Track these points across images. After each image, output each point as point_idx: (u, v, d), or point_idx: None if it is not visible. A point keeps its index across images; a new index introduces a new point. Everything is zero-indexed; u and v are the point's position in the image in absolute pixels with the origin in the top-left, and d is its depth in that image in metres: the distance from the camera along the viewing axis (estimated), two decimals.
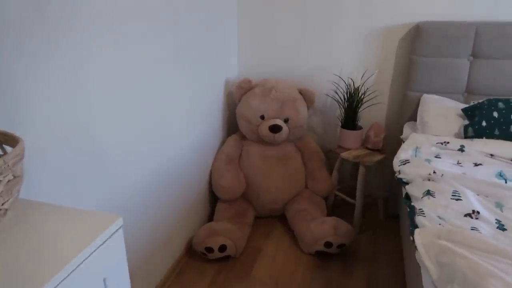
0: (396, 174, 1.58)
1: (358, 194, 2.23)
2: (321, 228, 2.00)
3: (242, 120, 2.32)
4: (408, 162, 1.57)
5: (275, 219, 2.39)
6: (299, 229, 2.11)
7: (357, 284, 1.87)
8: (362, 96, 2.19)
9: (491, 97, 2.01)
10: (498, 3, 2.04)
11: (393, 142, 2.33)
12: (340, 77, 2.39)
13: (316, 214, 2.17)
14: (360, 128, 2.26)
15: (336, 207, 2.50)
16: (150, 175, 1.61)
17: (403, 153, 1.67)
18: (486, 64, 2.02)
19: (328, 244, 1.97)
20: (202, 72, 2.01)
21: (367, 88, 2.20)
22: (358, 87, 2.17)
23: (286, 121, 2.26)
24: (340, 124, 2.41)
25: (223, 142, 2.40)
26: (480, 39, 1.99)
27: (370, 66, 2.32)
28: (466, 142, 1.64)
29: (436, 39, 2.04)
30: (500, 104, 1.77)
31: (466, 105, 2.01)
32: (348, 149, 2.28)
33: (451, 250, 0.95)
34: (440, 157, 1.60)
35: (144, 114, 1.52)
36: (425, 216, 1.19)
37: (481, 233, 1.05)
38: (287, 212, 2.28)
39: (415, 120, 2.19)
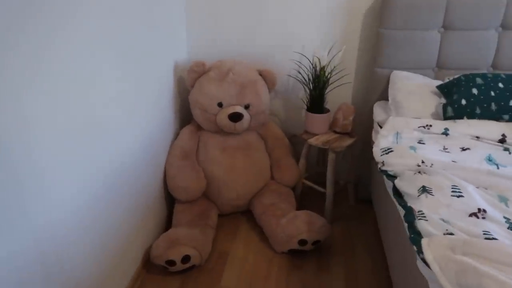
0: (379, 166, 1.41)
1: (329, 182, 2.06)
2: (294, 225, 1.81)
3: (197, 108, 2.04)
4: (391, 151, 1.41)
5: (239, 215, 2.18)
6: (269, 227, 1.92)
7: (337, 283, 1.72)
8: (329, 76, 1.99)
9: (467, 72, 1.90)
10: None
11: (363, 123, 2.17)
12: (303, 55, 2.17)
13: (286, 209, 1.98)
14: (328, 110, 2.08)
15: (305, 196, 2.33)
16: (91, 182, 1.31)
17: (383, 140, 1.50)
18: (458, 36, 1.89)
19: (302, 242, 1.80)
20: (144, 56, 1.70)
21: (334, 67, 2.00)
22: (324, 67, 1.96)
23: (246, 107, 2.01)
24: (305, 107, 2.20)
25: (176, 135, 2.12)
26: (452, 9, 1.85)
27: (335, 42, 2.12)
28: (449, 124, 1.50)
29: (405, 10, 1.87)
30: (478, 80, 1.64)
31: (440, 82, 1.88)
32: (315, 134, 2.09)
33: (475, 269, 0.79)
34: (423, 143, 1.45)
35: (75, 113, 1.21)
36: (427, 220, 1.02)
37: (498, 240, 0.90)
38: (254, 208, 2.07)
39: (386, 99, 2.04)
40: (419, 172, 1.27)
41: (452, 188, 1.12)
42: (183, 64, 2.20)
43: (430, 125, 1.49)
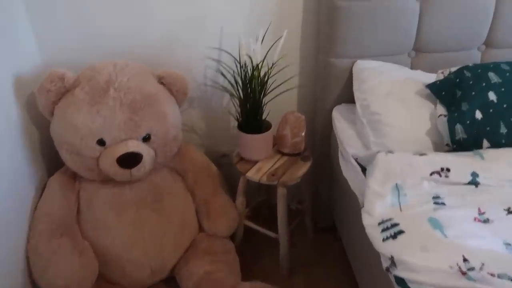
0: (386, 266, 0.81)
1: (281, 227, 1.46)
2: None
3: (64, 150, 1.27)
4: (401, 233, 0.81)
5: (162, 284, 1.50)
6: None
7: None
8: (266, 78, 1.32)
9: (455, 53, 1.36)
10: None
11: (316, 133, 1.56)
12: (225, 50, 1.45)
13: (227, 280, 1.35)
14: (269, 125, 1.42)
15: (249, 238, 1.70)
16: None
17: (378, 204, 0.90)
18: (442, 4, 1.31)
19: None
20: None
21: (273, 64, 1.32)
22: (258, 65, 1.28)
23: (146, 139, 1.29)
24: (235, 120, 1.52)
25: (42, 189, 1.34)
26: None
27: (268, 26, 1.43)
28: (475, 164, 0.93)
29: None
30: (492, 76, 1.09)
31: (424, 73, 1.31)
32: (254, 161, 1.44)
33: None
34: (444, 203, 0.87)
35: None
36: None
37: None
38: (181, 280, 1.40)
39: (347, 101, 1.44)
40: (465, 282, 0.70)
41: None
42: (32, 74, 1.36)
43: (448, 169, 0.92)
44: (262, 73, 1.30)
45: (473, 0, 1.30)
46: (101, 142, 1.24)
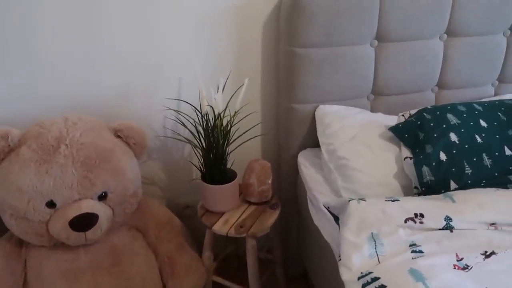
0: None
1: (252, 280, 1.38)
2: None
3: (7, 214, 1.14)
4: (383, 287, 0.77)
5: None
6: None
7: None
8: (229, 127, 1.28)
9: (411, 96, 1.40)
10: None
11: (284, 184, 1.53)
12: (186, 102, 1.41)
13: None
14: (234, 175, 1.37)
15: None
16: None
17: (355, 255, 0.86)
18: (396, 49, 1.36)
19: None
20: None
21: (235, 112, 1.29)
22: (221, 114, 1.24)
23: (103, 196, 1.19)
24: (197, 170, 1.46)
25: None
26: (386, 15, 1.30)
27: (229, 74, 1.41)
28: (447, 208, 0.92)
29: (325, 18, 1.25)
30: (451, 117, 1.12)
31: (384, 116, 1.34)
32: (220, 213, 1.37)
33: None
34: (422, 251, 0.85)
35: None
36: None
37: None
38: None
39: (311, 146, 1.43)
40: None
41: None
42: None
43: (422, 215, 0.90)
44: (224, 122, 1.27)
45: (423, 45, 1.36)
46: (50, 204, 1.12)
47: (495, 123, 1.10)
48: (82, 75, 1.32)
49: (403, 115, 1.22)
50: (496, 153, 1.04)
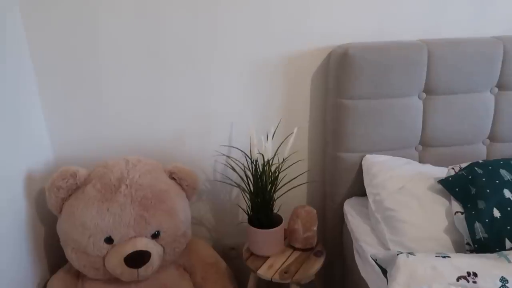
0: None
1: None
2: None
3: (70, 248, 1.23)
4: None
5: None
6: None
7: None
8: (277, 173, 1.33)
9: (460, 148, 1.39)
10: (444, 14, 1.42)
11: (328, 232, 1.53)
12: (237, 148, 1.49)
13: None
14: (280, 220, 1.40)
15: None
16: None
17: None
18: (444, 102, 1.37)
19: None
20: None
21: (284, 159, 1.34)
22: (270, 160, 1.30)
23: (155, 235, 1.25)
24: (244, 213, 1.51)
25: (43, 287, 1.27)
26: (435, 68, 1.33)
27: (279, 123, 1.48)
28: (502, 267, 0.90)
29: (374, 71, 1.30)
30: (505, 173, 1.10)
31: (434, 168, 1.33)
32: (265, 257, 1.39)
33: None
34: None
35: None
36: None
37: None
38: None
39: (357, 194, 1.43)
40: None
41: None
42: (44, 170, 1.37)
43: (475, 274, 0.88)
44: (273, 169, 1.32)
45: (473, 97, 1.37)
46: (109, 240, 1.20)
47: None
48: (143, 120, 1.44)
49: (453, 168, 1.21)
50: None
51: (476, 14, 1.43)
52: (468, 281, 0.87)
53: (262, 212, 1.37)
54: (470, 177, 1.12)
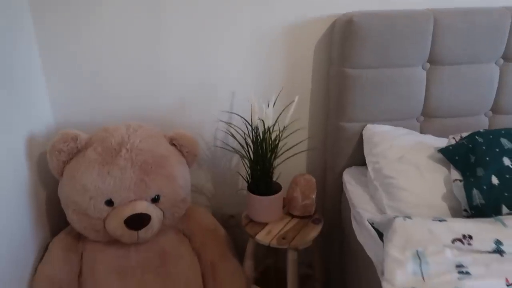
0: None
1: None
2: None
3: (71, 210, 1.24)
4: None
5: None
6: None
7: None
8: (277, 141, 1.33)
9: (461, 119, 1.38)
10: None
11: (328, 200, 1.54)
12: (237, 114, 1.48)
13: None
14: (279, 187, 1.41)
15: None
16: None
17: (398, 272, 0.86)
18: (448, 73, 1.35)
19: None
20: None
21: (284, 127, 1.34)
22: (270, 128, 1.29)
23: (155, 199, 1.27)
24: (244, 181, 1.52)
25: (42, 254, 1.29)
26: (440, 38, 1.31)
27: (280, 90, 1.47)
28: (498, 230, 0.90)
29: (378, 40, 1.28)
30: (505, 142, 1.09)
31: (435, 138, 1.32)
32: (263, 224, 1.41)
33: None
34: (468, 272, 0.84)
35: None
36: None
37: None
38: None
39: (357, 164, 1.44)
40: None
41: None
42: (45, 134, 1.38)
43: (470, 236, 0.89)
44: (273, 136, 1.31)
45: (478, 68, 1.35)
46: (109, 203, 1.22)
47: None
48: (144, 88, 1.43)
49: (453, 138, 1.20)
50: None
51: None
52: (463, 243, 0.88)
53: (262, 179, 1.38)
54: (470, 145, 1.12)
